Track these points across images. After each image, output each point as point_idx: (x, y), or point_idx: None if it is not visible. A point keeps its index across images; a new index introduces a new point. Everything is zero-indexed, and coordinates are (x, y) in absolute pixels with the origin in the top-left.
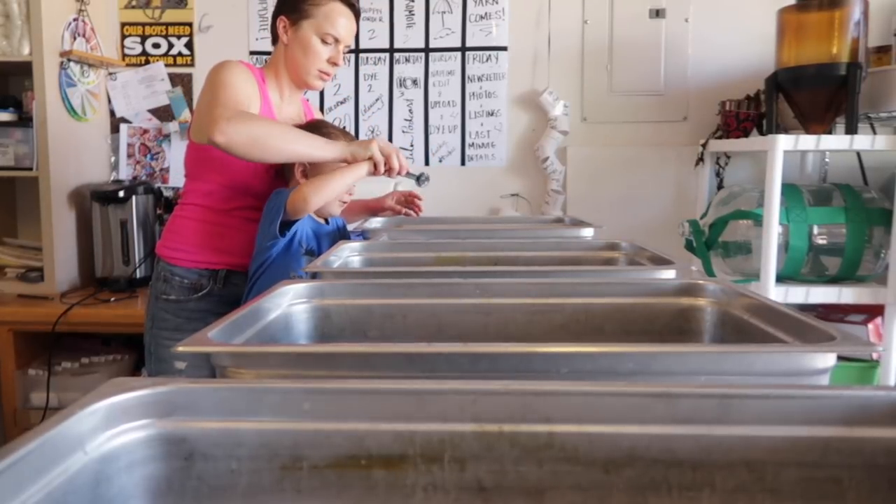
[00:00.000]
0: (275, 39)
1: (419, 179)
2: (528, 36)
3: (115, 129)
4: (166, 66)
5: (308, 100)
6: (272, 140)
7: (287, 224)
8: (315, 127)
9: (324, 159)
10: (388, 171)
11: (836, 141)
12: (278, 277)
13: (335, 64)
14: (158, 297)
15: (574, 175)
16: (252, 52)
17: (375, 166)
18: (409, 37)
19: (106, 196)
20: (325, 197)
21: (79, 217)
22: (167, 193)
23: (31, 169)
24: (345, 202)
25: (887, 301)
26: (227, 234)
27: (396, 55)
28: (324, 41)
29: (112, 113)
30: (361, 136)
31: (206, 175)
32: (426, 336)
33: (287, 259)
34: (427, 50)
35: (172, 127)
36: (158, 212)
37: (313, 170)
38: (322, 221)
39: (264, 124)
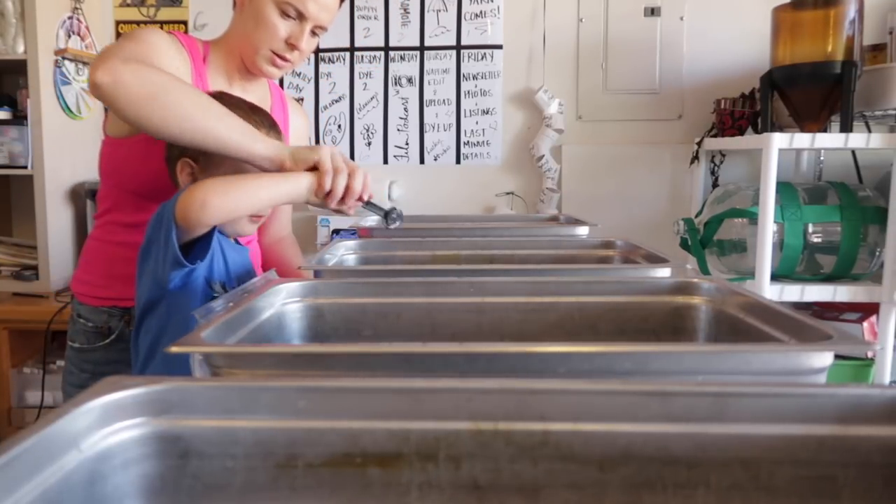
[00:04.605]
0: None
1: (388, 217)
2: (523, 34)
3: None
4: None
5: (284, 92)
6: (179, 103)
7: (189, 246)
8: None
9: (249, 156)
10: (343, 196)
11: (830, 139)
12: (180, 332)
13: (294, 47)
14: (67, 343)
15: (569, 173)
16: None
17: (320, 184)
18: (404, 35)
19: None
20: (233, 207)
21: (74, 215)
22: None
23: (25, 167)
24: (259, 217)
25: (882, 299)
26: None
27: (391, 53)
28: (283, 13)
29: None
30: (356, 136)
31: (117, 181)
32: (420, 335)
33: (186, 299)
34: (422, 48)
35: None
36: None
37: (207, 174)
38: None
39: (176, 81)
